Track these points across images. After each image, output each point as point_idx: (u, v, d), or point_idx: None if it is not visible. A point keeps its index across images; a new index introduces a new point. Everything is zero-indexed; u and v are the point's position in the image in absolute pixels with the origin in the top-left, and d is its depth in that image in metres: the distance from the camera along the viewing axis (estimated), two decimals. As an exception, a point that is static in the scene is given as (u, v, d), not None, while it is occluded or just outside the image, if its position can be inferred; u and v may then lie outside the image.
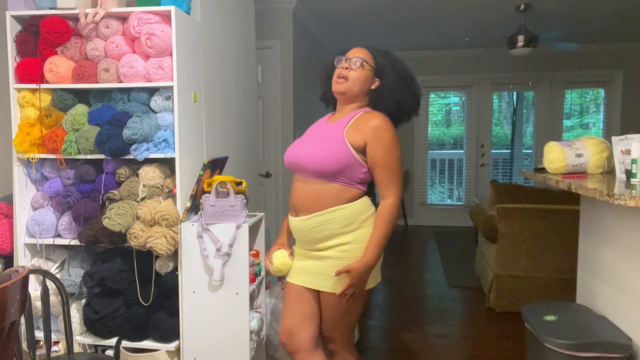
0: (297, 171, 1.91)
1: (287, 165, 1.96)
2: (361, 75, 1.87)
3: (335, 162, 1.78)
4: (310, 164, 1.82)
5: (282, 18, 4.42)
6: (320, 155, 1.80)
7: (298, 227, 1.91)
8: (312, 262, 1.90)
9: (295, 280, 1.93)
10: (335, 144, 1.81)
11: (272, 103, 4.47)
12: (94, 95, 2.41)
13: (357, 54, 1.88)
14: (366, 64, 1.87)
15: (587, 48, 6.57)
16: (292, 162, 1.92)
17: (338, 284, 1.82)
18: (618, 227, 1.99)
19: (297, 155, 1.90)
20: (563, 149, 2.19)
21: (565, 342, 1.80)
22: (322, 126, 1.96)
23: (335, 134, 1.84)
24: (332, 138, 1.83)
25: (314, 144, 1.88)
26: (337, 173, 1.81)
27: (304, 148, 1.89)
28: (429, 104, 7.19)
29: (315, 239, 1.87)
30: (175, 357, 2.33)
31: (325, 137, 1.87)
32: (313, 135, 1.94)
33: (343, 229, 1.82)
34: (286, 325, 1.92)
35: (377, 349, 3.09)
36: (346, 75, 1.86)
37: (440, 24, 5.40)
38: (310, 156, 1.83)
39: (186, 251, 2.24)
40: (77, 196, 2.29)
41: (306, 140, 1.94)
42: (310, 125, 2.05)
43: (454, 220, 7.22)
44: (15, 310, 1.19)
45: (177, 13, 2.22)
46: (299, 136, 2.09)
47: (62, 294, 1.95)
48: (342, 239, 1.83)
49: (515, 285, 3.63)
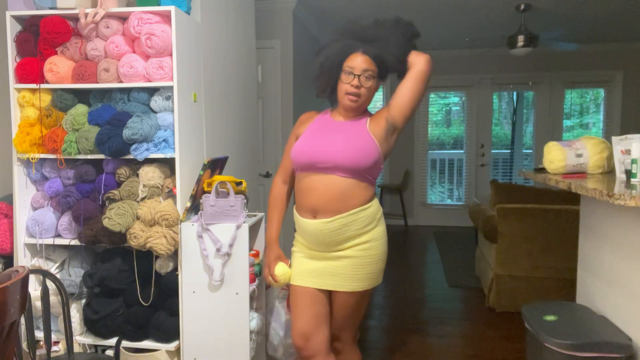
0: (319, 170, 1.84)
1: (305, 163, 1.87)
2: (371, 87, 1.87)
3: (370, 158, 1.82)
4: (345, 161, 1.79)
5: (282, 18, 4.42)
6: (354, 151, 1.80)
7: (317, 229, 1.85)
8: (326, 262, 1.89)
9: (307, 283, 1.91)
10: (364, 140, 1.84)
11: (272, 103, 4.47)
12: (94, 95, 2.41)
13: (363, 66, 1.83)
14: (373, 74, 1.85)
15: (587, 48, 6.57)
16: (317, 160, 1.83)
17: (356, 283, 1.86)
18: (618, 227, 1.99)
19: (324, 153, 1.82)
20: (563, 149, 2.19)
21: (565, 342, 1.80)
22: (334, 124, 1.91)
23: (359, 130, 1.86)
24: (358, 135, 1.85)
25: (341, 141, 1.83)
26: (369, 170, 1.84)
27: (331, 145, 1.83)
28: (429, 104, 7.19)
29: (335, 242, 1.86)
30: (175, 357, 2.33)
31: (349, 134, 1.85)
32: (331, 133, 1.88)
33: (363, 229, 1.87)
34: (301, 329, 1.91)
35: (377, 349, 3.09)
36: (358, 92, 1.84)
37: (440, 24, 5.40)
38: (343, 153, 1.80)
39: (186, 251, 2.24)
40: (77, 196, 2.29)
41: (325, 137, 1.87)
42: (310, 122, 1.99)
43: (454, 220, 7.21)
44: (15, 310, 1.19)
45: (177, 13, 2.22)
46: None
47: (62, 294, 1.95)
48: (361, 238, 1.87)
49: (515, 285, 3.63)
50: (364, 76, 1.83)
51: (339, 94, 1.87)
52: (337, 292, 1.89)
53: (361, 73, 1.82)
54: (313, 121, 1.98)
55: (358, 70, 1.82)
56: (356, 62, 1.83)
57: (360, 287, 1.87)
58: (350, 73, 1.83)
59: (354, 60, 1.84)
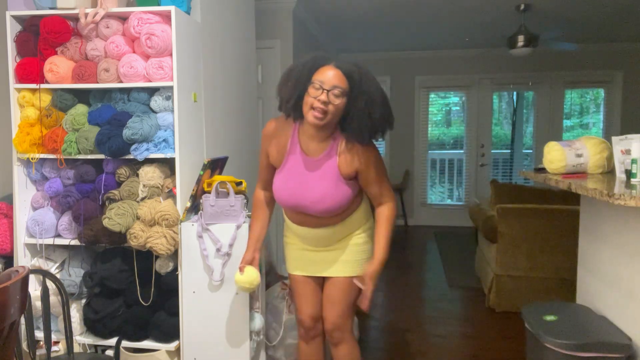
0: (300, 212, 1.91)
1: (290, 209, 1.93)
2: (340, 105, 1.71)
3: (346, 202, 1.87)
4: (324, 212, 1.85)
5: (282, 18, 4.42)
6: (329, 203, 1.83)
7: (311, 235, 1.96)
8: (327, 253, 1.99)
9: (308, 272, 2.02)
10: (336, 187, 1.83)
11: (272, 103, 4.47)
12: (94, 95, 2.41)
13: (333, 81, 1.67)
14: (343, 92, 1.70)
15: (587, 48, 6.57)
16: (297, 205, 1.87)
17: (357, 268, 1.96)
18: (618, 227, 1.99)
19: (303, 203, 1.85)
20: (563, 149, 2.19)
21: (565, 342, 1.80)
22: (306, 163, 1.85)
23: (329, 175, 1.82)
24: (329, 180, 1.82)
25: (313, 190, 1.82)
26: (349, 203, 1.91)
27: (309, 195, 1.83)
28: (429, 104, 7.19)
29: (335, 240, 1.97)
30: (175, 357, 2.33)
31: (320, 179, 1.82)
32: (304, 178, 1.85)
33: (361, 222, 1.99)
34: (312, 313, 2.06)
35: (377, 349, 3.09)
36: (325, 109, 1.68)
37: (441, 24, 5.40)
38: (322, 205, 1.83)
39: (186, 251, 2.24)
40: (77, 196, 2.29)
41: (301, 184, 1.85)
42: (280, 142, 1.89)
43: (454, 220, 7.21)
44: (15, 310, 1.19)
45: (177, 13, 2.22)
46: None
47: (62, 294, 1.95)
48: (362, 228, 1.99)
49: (515, 285, 3.63)
50: (332, 93, 1.67)
51: (304, 107, 1.72)
52: (337, 278, 1.99)
53: (331, 88, 1.67)
54: (286, 150, 1.87)
55: (328, 85, 1.67)
56: (327, 77, 1.68)
57: (360, 270, 1.95)
58: (320, 87, 1.67)
59: (325, 73, 1.69)
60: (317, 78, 1.69)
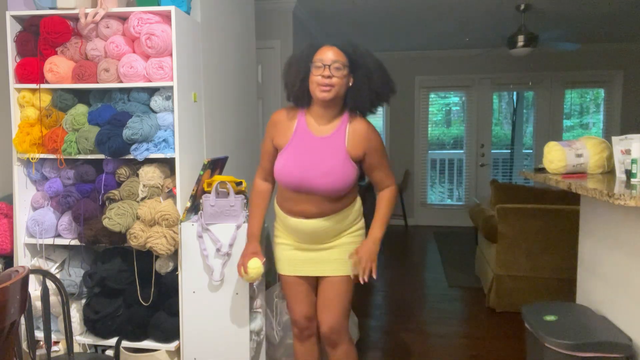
0: (305, 191, 1.90)
1: (289, 188, 1.92)
2: (342, 77, 1.85)
3: (350, 182, 1.90)
4: (328, 191, 1.87)
5: (282, 18, 4.43)
6: (335, 179, 1.85)
7: (309, 228, 1.95)
8: (320, 252, 1.99)
9: (301, 272, 2.01)
10: (344, 165, 1.87)
11: (272, 103, 4.47)
12: (94, 95, 2.41)
13: (332, 57, 1.83)
14: (343, 64, 1.85)
15: (587, 48, 6.57)
16: (303, 179, 1.87)
17: (352, 266, 1.96)
18: (618, 227, 1.99)
19: (307, 182, 1.87)
20: (563, 149, 2.19)
21: (565, 342, 1.80)
22: (314, 141, 1.91)
23: (337, 152, 1.88)
24: (337, 158, 1.87)
25: (323, 167, 1.86)
26: (351, 186, 1.93)
27: (314, 173, 1.86)
28: (429, 104, 7.19)
29: (329, 236, 1.97)
30: (175, 357, 2.33)
31: (329, 155, 1.87)
32: (312, 156, 1.88)
33: (354, 221, 2.02)
34: (306, 313, 2.06)
35: (377, 349, 3.09)
36: (330, 83, 1.82)
37: (440, 24, 5.40)
38: (326, 185, 1.86)
39: (186, 251, 2.24)
40: (77, 196, 2.29)
41: (307, 161, 1.88)
42: (286, 127, 1.96)
43: (454, 220, 7.21)
44: (15, 310, 1.19)
45: (177, 13, 2.22)
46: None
47: (62, 294, 1.95)
48: (351, 228, 2.01)
49: (515, 285, 3.63)
50: (333, 67, 1.82)
51: (311, 87, 1.86)
52: (333, 277, 1.99)
53: (331, 63, 1.82)
54: (292, 131, 1.94)
55: (328, 61, 1.83)
56: (326, 54, 1.84)
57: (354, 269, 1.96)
58: (321, 65, 1.82)
59: (324, 52, 1.85)
60: (317, 57, 1.85)
